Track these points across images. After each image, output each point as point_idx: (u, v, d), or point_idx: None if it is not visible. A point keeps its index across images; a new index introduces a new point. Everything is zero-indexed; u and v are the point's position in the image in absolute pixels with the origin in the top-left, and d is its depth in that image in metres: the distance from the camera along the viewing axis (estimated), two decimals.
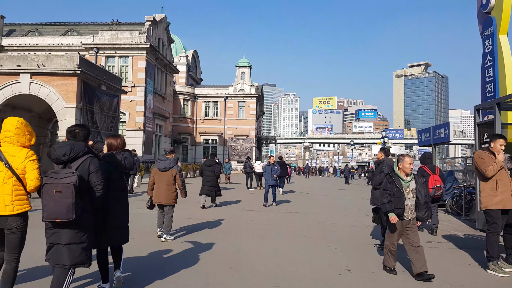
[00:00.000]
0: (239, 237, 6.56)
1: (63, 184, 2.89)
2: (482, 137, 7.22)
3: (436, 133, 11.19)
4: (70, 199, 2.88)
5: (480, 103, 8.19)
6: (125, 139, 4.26)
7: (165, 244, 5.95)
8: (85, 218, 3.07)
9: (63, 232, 3.00)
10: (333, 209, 11.02)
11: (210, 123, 47.59)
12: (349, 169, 33.22)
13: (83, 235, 3.10)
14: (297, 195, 15.97)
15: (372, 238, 6.78)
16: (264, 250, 5.71)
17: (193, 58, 54.70)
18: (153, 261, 4.95)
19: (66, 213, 2.88)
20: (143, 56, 29.94)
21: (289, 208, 10.91)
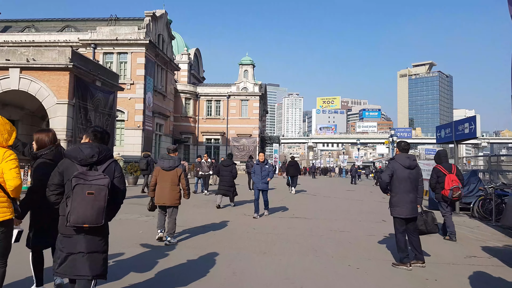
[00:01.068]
0: (237, 252, 5.46)
1: (97, 185, 2.72)
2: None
3: (459, 129, 10.02)
4: (103, 202, 2.72)
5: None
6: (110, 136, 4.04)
7: (162, 252, 4.89)
8: (106, 225, 2.90)
9: (85, 239, 2.80)
10: (345, 214, 9.89)
11: (213, 122, 46.57)
12: (356, 169, 32.32)
13: (105, 244, 2.93)
14: (303, 196, 14.88)
15: (401, 260, 5.64)
16: (266, 271, 4.61)
17: (195, 57, 53.70)
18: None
19: (96, 217, 2.71)
20: (142, 53, 28.93)
21: (295, 213, 9.80)
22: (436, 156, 7.88)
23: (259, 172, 9.13)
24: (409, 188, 5.01)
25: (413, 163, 5.07)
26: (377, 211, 10.76)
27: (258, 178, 9.13)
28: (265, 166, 9.25)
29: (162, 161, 6.20)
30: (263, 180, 9.06)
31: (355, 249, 5.75)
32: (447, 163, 7.63)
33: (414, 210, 5.03)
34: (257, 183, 9.15)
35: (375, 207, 11.77)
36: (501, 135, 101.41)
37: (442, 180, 7.30)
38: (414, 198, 5.01)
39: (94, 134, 3.07)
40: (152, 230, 6.85)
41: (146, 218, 8.15)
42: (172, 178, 6.01)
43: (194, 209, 9.96)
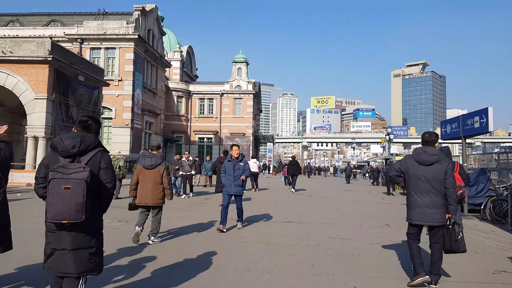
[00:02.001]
0: (215, 270, 4.43)
1: (74, 180, 2.56)
2: None
3: (468, 123, 9.13)
4: (81, 197, 2.56)
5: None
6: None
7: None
8: (94, 219, 2.75)
9: (69, 236, 2.67)
10: (343, 217, 8.95)
11: (205, 121, 45.55)
12: (350, 169, 32.09)
13: (92, 239, 2.77)
14: (298, 197, 13.95)
15: (413, 268, 4.74)
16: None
17: (188, 54, 52.60)
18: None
19: (75, 213, 2.56)
20: (131, 48, 27.86)
21: (289, 216, 8.83)
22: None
23: (231, 172, 7.07)
24: (423, 188, 4.08)
25: (431, 158, 4.07)
26: (378, 213, 9.88)
27: (229, 179, 7.08)
28: (239, 164, 7.16)
29: (143, 159, 5.90)
30: (236, 182, 7.06)
31: (360, 263, 4.80)
32: (450, 160, 6.95)
33: (430, 217, 4.03)
34: (228, 185, 7.10)
35: (375, 209, 10.89)
36: (494, 135, 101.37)
37: None
38: (433, 203, 4.02)
39: (79, 123, 2.93)
40: (119, 237, 5.94)
41: (116, 224, 7.20)
42: (154, 176, 5.76)
43: (176, 212, 8.97)
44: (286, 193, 15.58)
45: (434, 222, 4.05)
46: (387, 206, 11.88)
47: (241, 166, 7.21)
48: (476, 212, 9.28)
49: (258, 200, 12.51)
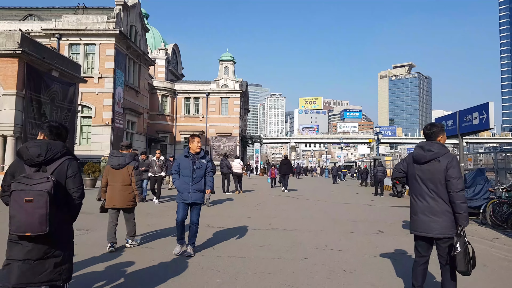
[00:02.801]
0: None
1: (36, 191, 2.47)
2: None
3: (465, 120, 8.47)
4: (44, 209, 2.47)
5: None
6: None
7: None
8: (61, 229, 2.66)
9: (33, 247, 2.56)
10: (333, 222, 8.19)
11: (191, 120, 44.54)
12: (337, 169, 31.78)
13: (59, 249, 2.67)
14: (284, 200, 13.16)
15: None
16: None
17: (173, 53, 51.47)
18: None
19: (39, 225, 2.47)
20: (112, 44, 26.72)
21: (273, 222, 8.04)
22: None
23: (189, 172, 5.19)
24: (419, 191, 3.38)
25: (426, 154, 3.36)
26: (369, 217, 9.17)
27: (185, 183, 5.20)
28: (200, 161, 5.28)
29: (111, 158, 5.67)
30: (196, 186, 5.20)
31: (355, 284, 4.02)
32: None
33: (426, 227, 3.27)
34: (183, 191, 5.20)
35: (366, 213, 10.18)
36: (479, 135, 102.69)
37: None
38: (429, 209, 3.28)
39: (49, 129, 2.82)
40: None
41: (78, 232, 6.31)
42: (123, 177, 5.54)
43: (145, 219, 8.09)
44: (272, 195, 14.79)
45: (431, 233, 3.27)
46: (378, 209, 11.21)
47: (203, 165, 5.28)
48: (474, 216, 8.65)
49: (241, 203, 11.72)
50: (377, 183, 17.58)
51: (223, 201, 12.15)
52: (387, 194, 17.89)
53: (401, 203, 13.01)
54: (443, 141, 3.50)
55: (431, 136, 3.49)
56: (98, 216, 7.72)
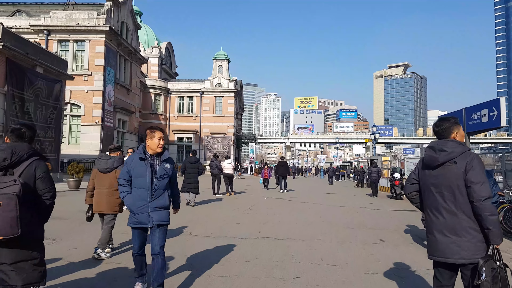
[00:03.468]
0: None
1: (4, 195, 2.47)
2: None
3: (473, 117, 7.84)
4: (14, 212, 2.47)
5: None
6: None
7: None
8: (33, 231, 2.66)
9: (8, 251, 2.57)
10: (329, 229, 7.54)
11: (185, 120, 43.82)
12: (333, 169, 31.31)
13: (33, 251, 2.68)
14: (276, 203, 12.52)
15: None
16: None
17: (167, 51, 50.73)
18: None
19: (10, 229, 2.47)
20: (102, 41, 25.99)
21: (263, 229, 7.38)
22: None
23: (147, 182, 3.56)
24: (434, 203, 2.68)
25: (438, 156, 2.67)
26: (368, 223, 8.57)
27: (142, 198, 3.57)
28: (164, 166, 3.66)
29: (99, 161, 5.40)
30: (157, 202, 3.59)
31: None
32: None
33: (445, 250, 2.57)
34: (139, 210, 3.57)
35: (364, 217, 9.58)
36: (475, 136, 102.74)
37: None
38: (446, 226, 2.58)
39: (12, 131, 2.80)
40: None
41: (49, 241, 5.66)
42: (110, 181, 5.27)
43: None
44: (264, 197, 14.16)
45: (451, 258, 2.54)
46: (376, 213, 10.62)
47: (168, 171, 3.65)
48: None
49: (231, 206, 11.07)
50: (372, 184, 17.27)
51: (211, 204, 11.52)
52: (385, 196, 17.36)
53: (400, 206, 12.44)
54: (459, 137, 2.77)
55: (443, 133, 2.79)
56: (67, 222, 7.10)
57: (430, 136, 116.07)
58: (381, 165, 21.94)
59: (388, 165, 21.23)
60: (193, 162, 11.29)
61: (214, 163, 13.92)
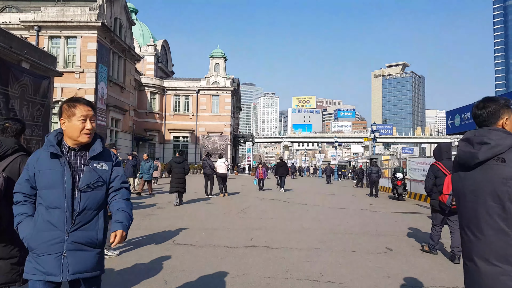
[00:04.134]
0: None
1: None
2: None
3: None
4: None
5: None
6: None
7: None
8: (13, 229, 2.28)
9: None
10: (329, 236, 6.85)
11: (181, 118, 43.12)
12: (330, 168, 31.10)
13: (13, 249, 2.57)
14: (271, 205, 11.84)
15: None
16: None
17: (163, 49, 49.95)
18: None
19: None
20: (94, 37, 25.23)
21: (255, 236, 6.70)
22: (436, 150, 5.97)
23: (64, 195, 2.03)
24: (474, 217, 1.94)
25: (477, 151, 1.90)
26: (372, 228, 7.90)
27: (53, 224, 2.01)
28: (94, 167, 2.13)
29: None
30: (83, 234, 2.06)
31: None
32: (449, 160, 5.68)
33: (499, 285, 1.79)
34: (44, 249, 2.00)
35: (367, 221, 8.91)
36: None
37: (441, 182, 5.50)
38: (491, 250, 1.83)
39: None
40: None
41: None
42: None
43: None
44: (260, 199, 13.48)
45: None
46: (379, 216, 9.95)
47: (104, 174, 2.20)
48: None
49: (223, 209, 10.40)
50: (372, 184, 16.90)
51: (202, 206, 10.85)
52: (386, 196, 16.72)
53: (404, 208, 11.79)
54: (509, 126, 2.01)
55: (487, 119, 2.02)
56: None
57: (428, 136, 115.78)
58: (381, 164, 21.30)
59: (389, 164, 20.57)
60: (179, 162, 11.24)
61: (207, 163, 13.23)
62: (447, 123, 9.10)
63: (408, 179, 15.60)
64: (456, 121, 8.49)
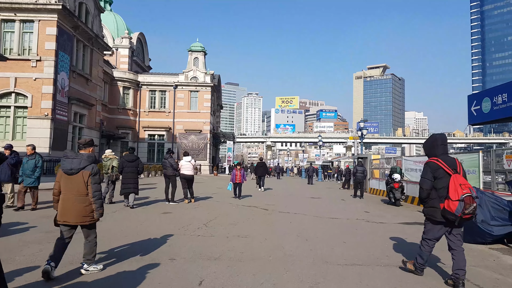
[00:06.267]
0: None
1: None
2: None
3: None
4: None
5: None
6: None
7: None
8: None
9: None
10: (321, 269, 4.68)
11: (157, 116, 40.53)
12: (313, 169, 29.83)
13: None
14: (245, 214, 9.61)
15: None
16: None
17: (139, 42, 47.15)
18: None
19: None
20: (54, 21, 22.55)
21: (207, 277, 4.49)
22: (429, 143, 4.49)
23: None
24: None
25: None
26: (379, 251, 5.82)
27: None
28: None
29: (63, 161, 4.43)
30: None
31: None
32: (447, 156, 4.37)
33: None
34: None
35: (369, 238, 6.86)
36: (454, 136, 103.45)
37: (443, 184, 4.20)
38: None
39: None
40: None
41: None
42: (77, 185, 4.32)
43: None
44: (233, 206, 11.19)
45: None
46: (382, 230, 7.88)
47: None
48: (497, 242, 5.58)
49: (181, 221, 8.02)
50: (357, 185, 16.23)
51: (153, 217, 8.50)
52: (379, 200, 14.85)
53: (406, 217, 9.82)
54: None
55: None
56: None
57: (409, 136, 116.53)
58: (371, 164, 19.46)
59: (380, 164, 18.76)
60: (131, 161, 10.09)
61: (168, 161, 10.88)
62: (469, 110, 7.14)
63: (407, 180, 13.76)
64: (486, 106, 6.51)
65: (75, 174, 4.34)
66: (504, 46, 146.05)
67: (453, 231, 4.28)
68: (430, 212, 4.33)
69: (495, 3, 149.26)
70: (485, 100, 6.47)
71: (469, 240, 6.24)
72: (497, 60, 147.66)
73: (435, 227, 4.33)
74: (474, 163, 8.40)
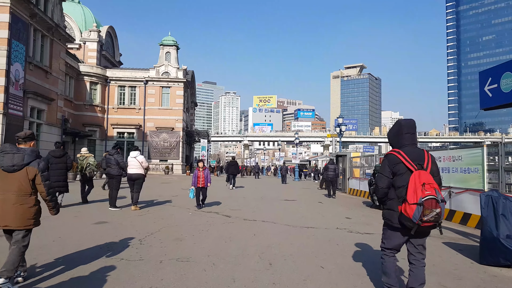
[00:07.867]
0: None
1: None
2: None
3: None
4: None
5: None
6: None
7: None
8: None
9: None
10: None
11: (126, 112, 38.56)
12: (286, 168, 29.75)
13: None
14: (200, 224, 8.01)
15: None
16: None
17: (109, 36, 44.93)
18: None
19: None
20: (6, 7, 20.55)
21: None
22: (394, 132, 3.56)
23: None
24: None
25: None
26: (374, 277, 4.73)
27: None
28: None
29: (2, 156, 3.80)
30: None
31: None
32: (413, 146, 3.42)
33: None
34: None
35: (355, 257, 5.69)
36: (429, 135, 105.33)
37: (403, 182, 3.27)
38: None
39: None
40: None
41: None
42: (18, 184, 3.77)
43: None
44: (189, 212, 9.62)
45: None
46: (369, 242, 6.70)
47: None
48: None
49: (116, 233, 6.61)
50: (329, 183, 15.89)
51: (84, 224, 7.06)
52: (360, 202, 13.89)
53: None
54: None
55: None
56: None
57: (385, 135, 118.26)
58: (351, 163, 18.54)
59: (360, 162, 17.85)
60: (59, 156, 9.25)
61: (114, 158, 9.41)
62: (481, 90, 5.65)
63: None
64: (505, 84, 5.03)
65: (17, 171, 3.81)
66: (479, 46, 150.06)
67: (412, 241, 3.43)
68: (387, 215, 3.46)
69: (470, 3, 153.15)
70: (506, 76, 5.13)
71: (491, 261, 4.98)
72: (472, 60, 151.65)
73: (393, 233, 3.44)
74: (476, 160, 7.40)
